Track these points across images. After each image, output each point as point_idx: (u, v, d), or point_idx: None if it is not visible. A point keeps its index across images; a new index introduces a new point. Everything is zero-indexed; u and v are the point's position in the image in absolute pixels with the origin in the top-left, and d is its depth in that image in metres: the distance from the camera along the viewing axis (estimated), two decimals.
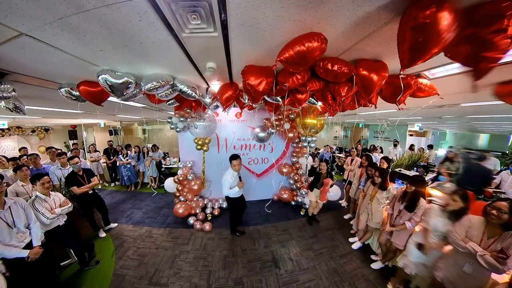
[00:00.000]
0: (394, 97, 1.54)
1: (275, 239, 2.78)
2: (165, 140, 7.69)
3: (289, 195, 3.87)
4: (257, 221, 3.29)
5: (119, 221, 3.18)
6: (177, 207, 3.12)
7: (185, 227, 3.04)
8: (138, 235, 2.80)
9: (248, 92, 1.69)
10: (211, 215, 3.32)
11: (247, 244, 2.65)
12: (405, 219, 1.82)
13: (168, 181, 3.45)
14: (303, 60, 1.17)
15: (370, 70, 1.29)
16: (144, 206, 3.79)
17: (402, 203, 1.88)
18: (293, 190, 4.04)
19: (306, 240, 2.77)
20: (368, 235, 2.43)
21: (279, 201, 4.00)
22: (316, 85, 1.64)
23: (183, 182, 3.36)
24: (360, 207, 2.49)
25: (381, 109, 3.30)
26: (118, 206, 3.77)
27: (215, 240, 2.73)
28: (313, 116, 2.98)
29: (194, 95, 1.88)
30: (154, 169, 4.84)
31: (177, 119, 3.18)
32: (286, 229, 3.05)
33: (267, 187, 3.99)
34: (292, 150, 4.07)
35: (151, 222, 3.19)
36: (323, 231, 2.98)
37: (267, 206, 3.60)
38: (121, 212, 3.53)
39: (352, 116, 4.92)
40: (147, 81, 1.58)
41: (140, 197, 4.26)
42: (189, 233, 2.89)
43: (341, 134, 10.39)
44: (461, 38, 0.79)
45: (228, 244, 2.65)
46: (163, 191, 4.46)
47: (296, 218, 3.40)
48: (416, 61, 0.84)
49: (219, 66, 1.54)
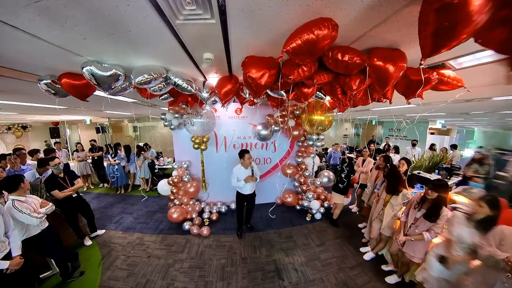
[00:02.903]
0: (412, 91, 1.50)
1: (278, 247, 2.78)
2: (158, 139, 7.70)
3: (294, 199, 3.86)
4: (258, 226, 3.29)
5: (107, 227, 3.20)
6: (172, 211, 3.13)
7: (180, 233, 3.06)
8: (128, 243, 2.82)
9: (249, 85, 1.69)
10: (208, 220, 3.33)
11: (248, 252, 2.65)
12: (421, 229, 1.77)
13: (162, 183, 3.46)
14: (312, 50, 1.14)
15: (385, 60, 1.26)
16: (135, 211, 3.82)
17: (419, 210, 1.82)
18: (298, 194, 4.03)
19: (312, 248, 2.75)
20: (381, 244, 2.40)
21: (283, 205, 4.00)
22: (324, 78, 1.62)
23: (178, 184, 3.37)
24: (373, 213, 2.46)
25: (397, 104, 3.23)
26: (106, 211, 3.80)
27: (213, 248, 2.73)
28: (320, 112, 2.95)
29: (190, 89, 1.87)
30: (146, 170, 4.85)
31: (172, 116, 3.18)
32: (290, 236, 3.04)
33: (270, 190, 3.98)
34: (297, 150, 4.05)
35: (142, 228, 3.21)
36: (331, 239, 2.96)
37: (270, 211, 3.59)
38: (109, 217, 3.56)
39: (364, 112, 4.85)
40: (137, 74, 1.57)
41: (131, 201, 4.29)
42: (184, 240, 2.91)
43: (351, 132, 10.30)
44: (495, 20, 0.73)
45: (226, 252, 2.65)
46: (156, 194, 4.48)
47: (302, 224, 3.39)
48: (440, 49, 0.80)
49: (217, 57, 1.52)
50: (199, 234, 3.01)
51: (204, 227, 3.05)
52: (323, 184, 3.82)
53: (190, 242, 2.86)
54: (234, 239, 2.95)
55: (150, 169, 4.89)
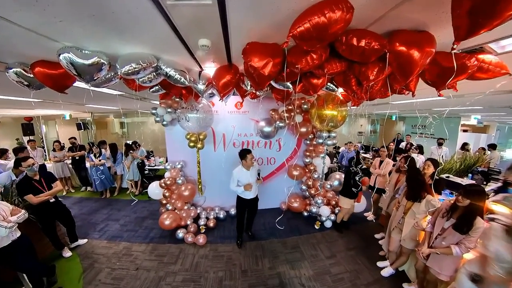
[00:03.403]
0: (443, 81, 1.44)
1: (282, 258, 2.77)
2: (148, 136, 7.71)
3: (301, 204, 3.84)
4: (261, 235, 3.28)
5: (90, 236, 3.22)
6: (164, 217, 3.15)
7: (172, 242, 3.07)
8: (113, 253, 2.84)
9: (250, 76, 1.68)
10: (205, 227, 3.35)
11: (249, 264, 2.65)
12: (450, 241, 1.71)
13: (153, 185, 3.48)
14: (322, 35, 1.12)
15: (410, 45, 1.21)
16: (122, 217, 3.85)
17: (448, 220, 1.77)
18: (305, 198, 4.02)
19: (321, 261, 2.73)
20: (402, 259, 2.35)
21: (289, 211, 3.98)
22: (337, 67, 1.60)
23: (171, 187, 3.39)
24: (392, 222, 2.42)
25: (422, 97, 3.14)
26: (89, 218, 3.82)
27: (209, 258, 2.74)
28: (332, 106, 2.90)
29: (183, 81, 1.85)
30: (135, 171, 4.86)
31: (164, 110, 3.18)
32: (296, 246, 3.03)
33: (274, 194, 3.97)
34: (305, 149, 4.02)
35: (130, 236, 3.24)
36: (344, 251, 2.94)
37: (275, 218, 3.58)
38: (92, 224, 3.58)
39: (383, 106, 4.75)
40: (123, 63, 1.56)
41: (117, 206, 4.32)
42: (178, 249, 2.92)
43: (367, 129, 10.15)
44: None
45: (225, 263, 2.66)
46: (146, 198, 4.51)
47: (309, 232, 3.37)
48: (479, 29, 0.76)
49: (214, 44, 1.50)
50: (194, 243, 3.02)
51: (200, 235, 3.06)
52: (334, 188, 3.79)
53: (184, 252, 2.87)
54: (233, 248, 2.95)
55: (140, 170, 4.89)
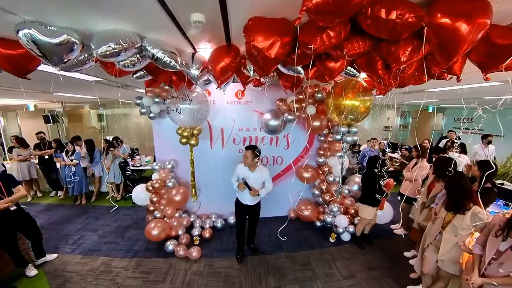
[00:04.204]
0: (496, 62, 1.37)
1: (291, 276, 2.77)
2: (132, 131, 7.74)
3: (313, 212, 3.83)
4: (265, 248, 3.30)
5: (61, 250, 3.24)
6: (151, 226, 3.19)
7: (161, 256, 3.11)
8: (89, 270, 2.86)
9: (254, 59, 1.66)
10: (199, 238, 3.38)
11: (250, 283, 2.66)
12: (510, 268, 1.62)
13: (138, 189, 3.51)
14: (344, 6, 1.10)
15: (456, 16, 1.14)
16: (101, 227, 3.89)
17: (505, 239, 1.68)
18: (318, 205, 4.00)
19: (338, 281, 2.72)
20: (440, 284, 2.29)
21: (298, 220, 3.99)
22: (359, 47, 1.56)
23: (160, 191, 3.42)
24: (426, 238, 2.37)
25: (469, 83, 3.01)
26: (60, 228, 3.86)
27: (204, 275, 2.77)
28: (352, 95, 2.83)
29: (174, 64, 1.84)
30: (116, 173, 4.90)
31: (150, 100, 3.19)
32: (307, 262, 3.03)
33: (281, 200, 3.97)
34: (319, 147, 4.00)
35: (110, 249, 3.27)
36: (365, 270, 2.91)
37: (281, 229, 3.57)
38: (64, 236, 3.62)
39: (417, 95, 4.62)
40: (100, 42, 1.54)
41: (95, 214, 4.37)
42: (167, 265, 2.96)
43: (396, 122, 9.94)
44: None
45: (222, 281, 2.68)
46: (129, 204, 4.58)
47: (323, 246, 3.37)
48: None
49: (209, 20, 1.47)
50: (186, 257, 3.05)
51: (193, 248, 3.09)
52: (353, 194, 3.74)
53: (174, 267, 2.90)
54: (232, 264, 2.97)
55: (122, 171, 4.93)
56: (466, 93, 4.21)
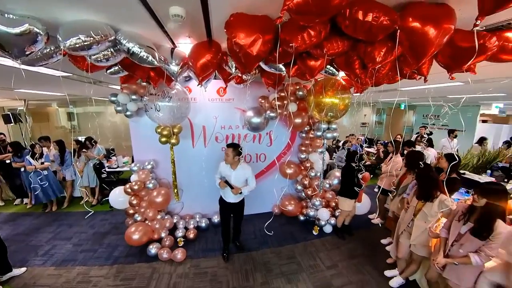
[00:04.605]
0: (459, 63, 1.49)
1: (277, 271, 2.83)
2: (107, 130, 7.32)
3: (296, 207, 3.94)
4: (251, 245, 3.33)
5: (30, 263, 3.00)
6: (131, 231, 3.07)
7: (143, 260, 3.01)
8: (64, 282, 2.69)
9: (235, 56, 1.64)
10: (183, 239, 3.32)
11: (237, 280, 2.68)
12: (468, 249, 1.80)
13: (116, 192, 3.37)
14: (323, 6, 1.12)
15: (425, 21, 1.23)
16: (75, 235, 3.67)
17: (465, 224, 1.87)
18: (301, 200, 4.12)
19: (321, 272, 2.83)
20: (413, 267, 2.50)
21: (282, 216, 4.07)
22: (338, 46, 1.61)
23: (140, 193, 3.30)
24: (400, 225, 2.55)
25: (436, 82, 3.27)
26: (28, 239, 3.57)
27: (190, 277, 2.73)
28: (332, 93, 2.94)
29: (151, 60, 1.76)
30: (91, 176, 4.63)
31: (126, 97, 3.04)
32: (292, 256, 3.12)
33: (265, 196, 4.02)
34: (300, 143, 4.09)
35: (87, 258, 3.10)
36: (346, 259, 3.07)
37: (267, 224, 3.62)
38: (32, 248, 3.35)
39: (391, 93, 4.92)
40: (68, 34, 1.43)
41: (68, 221, 4.10)
42: (150, 269, 2.87)
43: (372, 119, 10.54)
44: None
45: (209, 281, 2.67)
46: (107, 208, 4.37)
47: (307, 239, 3.49)
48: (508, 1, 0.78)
49: (190, 14, 1.44)
50: (171, 260, 2.99)
51: (177, 250, 3.03)
52: (334, 187, 3.91)
53: (158, 271, 2.83)
54: (218, 263, 2.97)
55: (97, 173, 4.64)
56: (433, 92, 4.59)
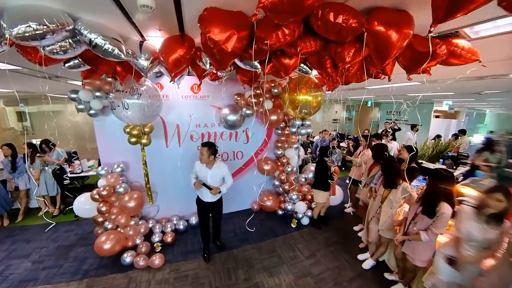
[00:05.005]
0: (417, 65, 1.66)
1: (259, 265, 2.89)
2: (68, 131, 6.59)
3: (275, 202, 4.03)
4: (232, 243, 3.34)
5: None
6: (101, 240, 2.84)
7: (117, 270, 2.82)
8: None
9: (210, 52, 1.62)
10: (161, 244, 3.19)
11: (220, 280, 2.67)
12: (420, 227, 2.04)
13: (81, 200, 3.12)
14: (297, 6, 1.15)
15: (388, 25, 1.35)
16: (35, 251, 3.28)
17: (421, 205, 2.11)
18: (279, 195, 4.22)
19: (301, 262, 2.96)
20: (382, 249, 2.74)
21: (262, 212, 4.14)
22: (311, 46, 1.67)
23: (110, 199, 3.07)
24: (370, 212, 2.79)
25: (398, 82, 3.59)
26: None
27: (171, 282, 2.64)
28: (305, 91, 3.05)
29: (118, 53, 1.64)
30: (50, 183, 4.14)
31: (89, 95, 2.78)
32: (273, 249, 3.21)
33: (244, 193, 4.06)
34: (276, 139, 4.18)
35: (51, 275, 2.79)
36: (323, 248, 3.25)
37: (247, 221, 3.66)
38: None
39: (359, 91, 5.28)
40: (15, 20, 1.26)
41: (24, 236, 3.64)
42: (126, 279, 2.70)
43: (342, 115, 11.20)
44: None
45: (190, 284, 2.61)
46: (71, 218, 4.02)
47: (286, 233, 3.60)
48: (456, 12, 0.88)
49: (160, 5, 1.37)
50: (148, 267, 2.86)
51: (155, 255, 2.91)
52: (309, 181, 4.09)
53: (135, 281, 2.68)
54: (199, 264, 2.92)
55: (58, 180, 4.17)
56: (395, 90, 5.06)
